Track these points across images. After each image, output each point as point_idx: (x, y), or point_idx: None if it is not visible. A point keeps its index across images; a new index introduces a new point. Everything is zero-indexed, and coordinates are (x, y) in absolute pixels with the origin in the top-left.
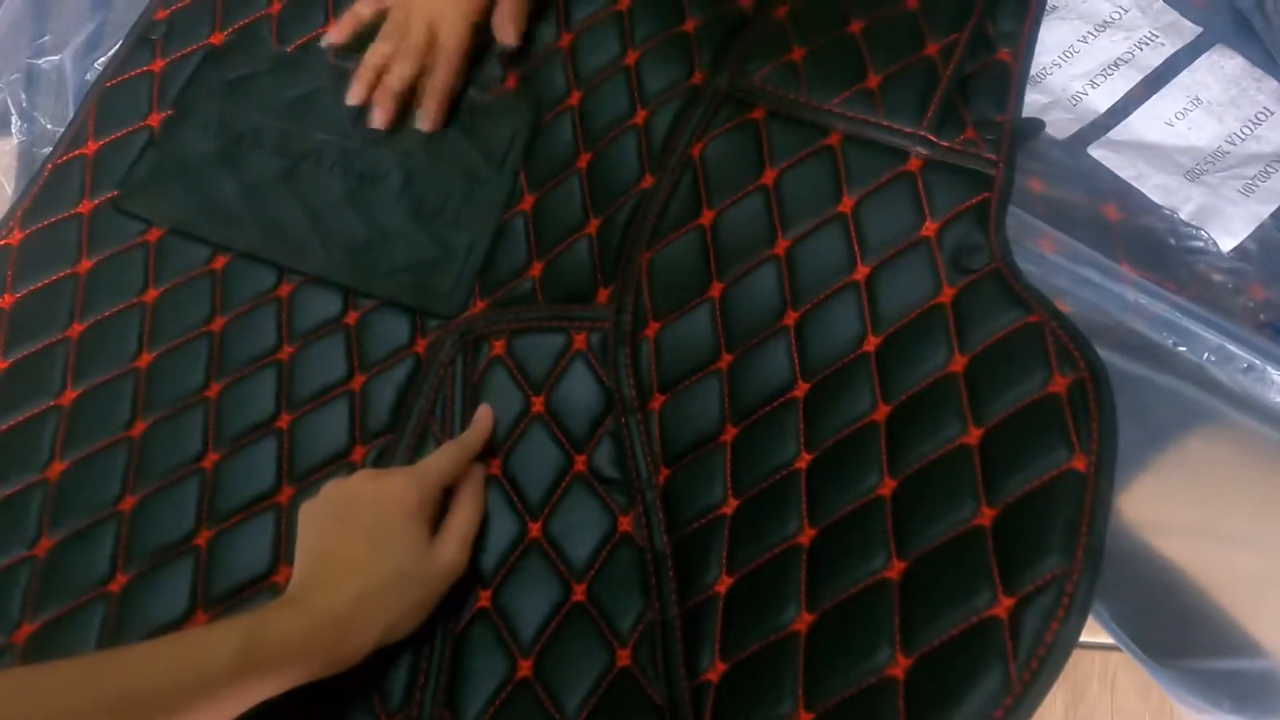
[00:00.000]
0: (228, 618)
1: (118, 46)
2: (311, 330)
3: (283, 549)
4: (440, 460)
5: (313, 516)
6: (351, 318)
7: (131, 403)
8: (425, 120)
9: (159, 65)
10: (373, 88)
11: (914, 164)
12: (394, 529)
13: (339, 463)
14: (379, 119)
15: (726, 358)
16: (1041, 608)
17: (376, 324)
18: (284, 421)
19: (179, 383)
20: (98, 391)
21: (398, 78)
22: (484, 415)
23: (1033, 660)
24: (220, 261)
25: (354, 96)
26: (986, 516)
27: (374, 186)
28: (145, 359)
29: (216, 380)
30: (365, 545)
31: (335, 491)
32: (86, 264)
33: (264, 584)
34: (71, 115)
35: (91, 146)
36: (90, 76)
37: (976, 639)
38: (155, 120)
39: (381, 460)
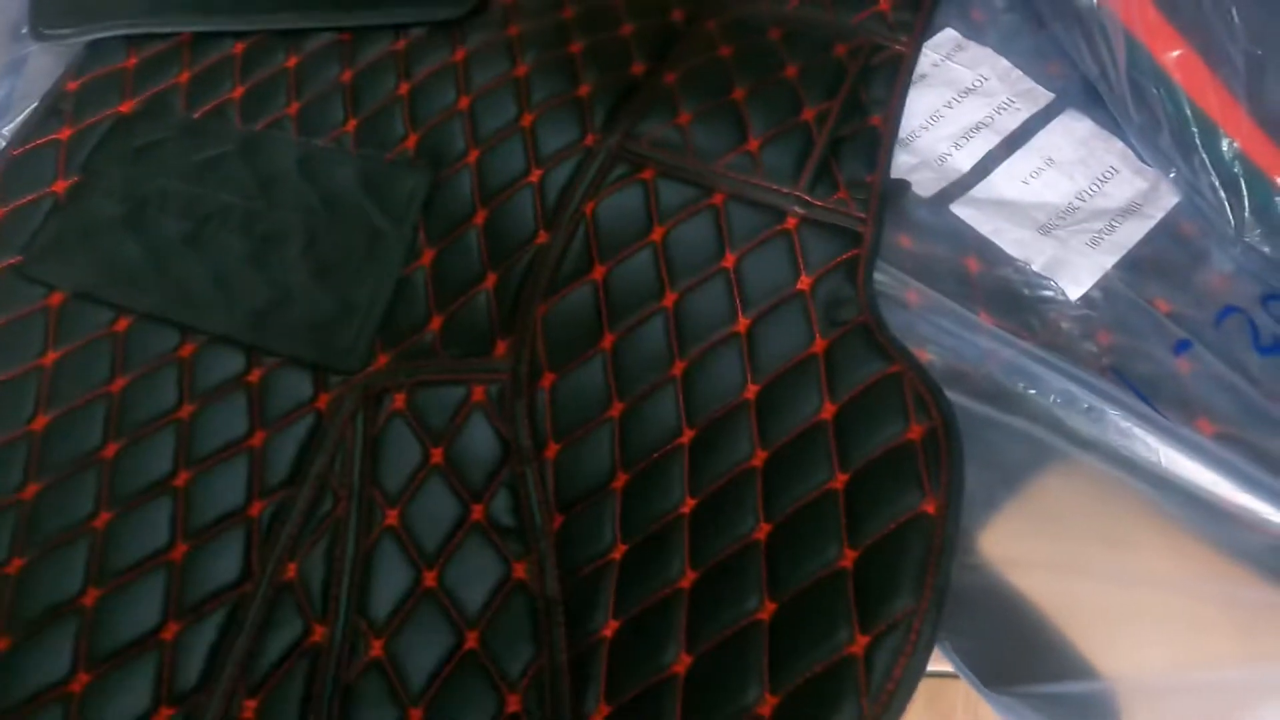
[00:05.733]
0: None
1: (25, 115)
2: (213, 389)
3: (172, 606)
4: None
5: None
6: (254, 375)
7: (23, 467)
8: None
9: (66, 133)
10: None
11: (791, 222)
12: None
13: (235, 517)
14: None
15: (618, 406)
16: (891, 645)
17: (279, 381)
18: (181, 480)
19: (74, 445)
20: None
21: None
22: None
23: (883, 695)
24: (122, 324)
25: None
26: (849, 558)
27: (277, 247)
28: (40, 422)
29: (113, 441)
30: None
31: None
32: None
33: (150, 641)
34: None
35: None
36: None
37: (834, 676)
38: (61, 187)
39: (279, 514)
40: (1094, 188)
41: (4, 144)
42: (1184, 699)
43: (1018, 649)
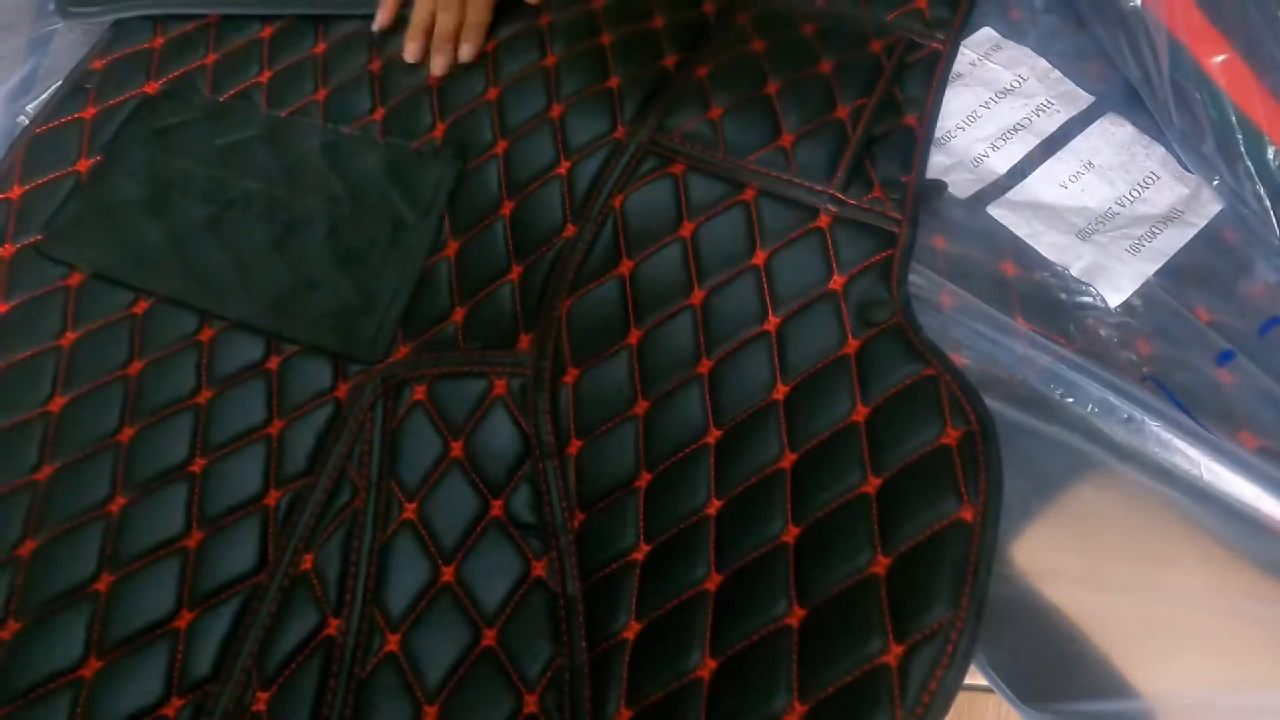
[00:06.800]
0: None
1: (50, 92)
2: (232, 375)
3: (186, 595)
4: None
5: None
6: (273, 363)
7: (39, 447)
8: (465, 54)
9: (90, 113)
10: (426, 43)
11: (823, 220)
12: None
13: (252, 506)
14: (439, 66)
15: (643, 404)
16: (927, 656)
17: (298, 369)
18: (197, 466)
19: (90, 427)
20: (2, 436)
21: (445, 26)
22: None
23: (918, 708)
24: (141, 306)
25: (411, 55)
26: (881, 565)
27: (300, 234)
28: (57, 403)
29: (130, 424)
30: None
31: None
32: (2, 308)
33: (164, 629)
34: None
35: (16, 191)
36: (22, 120)
37: (868, 686)
38: (84, 166)
39: (296, 504)
40: (1134, 193)
41: (27, 121)
42: None
43: (1053, 663)
